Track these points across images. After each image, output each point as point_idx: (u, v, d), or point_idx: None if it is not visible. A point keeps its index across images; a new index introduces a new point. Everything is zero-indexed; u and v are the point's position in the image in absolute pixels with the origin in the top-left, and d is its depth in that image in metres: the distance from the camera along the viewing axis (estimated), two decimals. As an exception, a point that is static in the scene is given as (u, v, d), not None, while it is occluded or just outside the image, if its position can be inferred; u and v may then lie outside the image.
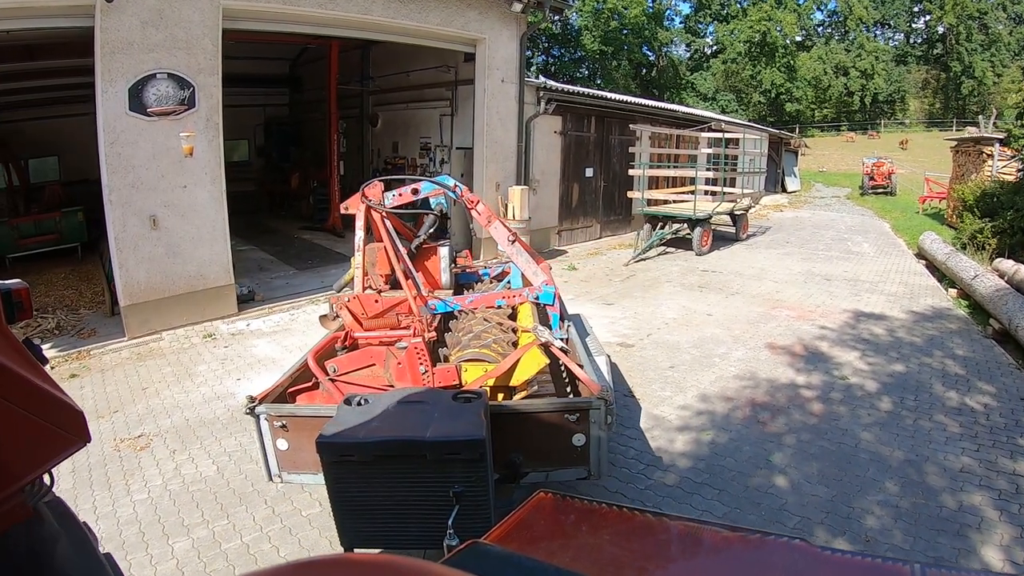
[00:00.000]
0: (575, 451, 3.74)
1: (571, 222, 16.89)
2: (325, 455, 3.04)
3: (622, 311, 9.99)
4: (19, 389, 1.45)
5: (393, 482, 3.08)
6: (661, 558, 1.87)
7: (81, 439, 1.67)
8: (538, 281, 4.94)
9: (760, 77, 55.79)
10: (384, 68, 17.61)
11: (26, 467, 1.51)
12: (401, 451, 3.01)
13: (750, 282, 12.03)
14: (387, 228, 4.68)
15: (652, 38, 55.54)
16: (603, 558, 1.82)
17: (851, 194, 32.26)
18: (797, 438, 5.64)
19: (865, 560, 1.82)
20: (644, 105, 19.20)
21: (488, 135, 13.60)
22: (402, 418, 3.21)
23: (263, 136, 22.29)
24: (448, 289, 5.77)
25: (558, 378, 4.98)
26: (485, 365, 4.32)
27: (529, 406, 3.81)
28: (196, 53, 8.70)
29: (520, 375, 4.26)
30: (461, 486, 2.87)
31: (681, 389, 6.79)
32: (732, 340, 8.44)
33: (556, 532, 2.02)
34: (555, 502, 2.12)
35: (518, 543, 1.83)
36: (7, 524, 1.47)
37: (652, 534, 1.95)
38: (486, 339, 4.73)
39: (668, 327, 9.09)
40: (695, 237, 14.86)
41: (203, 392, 6.83)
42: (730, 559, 1.83)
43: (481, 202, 4.87)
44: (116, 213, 8.35)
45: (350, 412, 3.31)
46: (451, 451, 2.99)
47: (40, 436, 1.54)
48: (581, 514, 2.08)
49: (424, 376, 4.15)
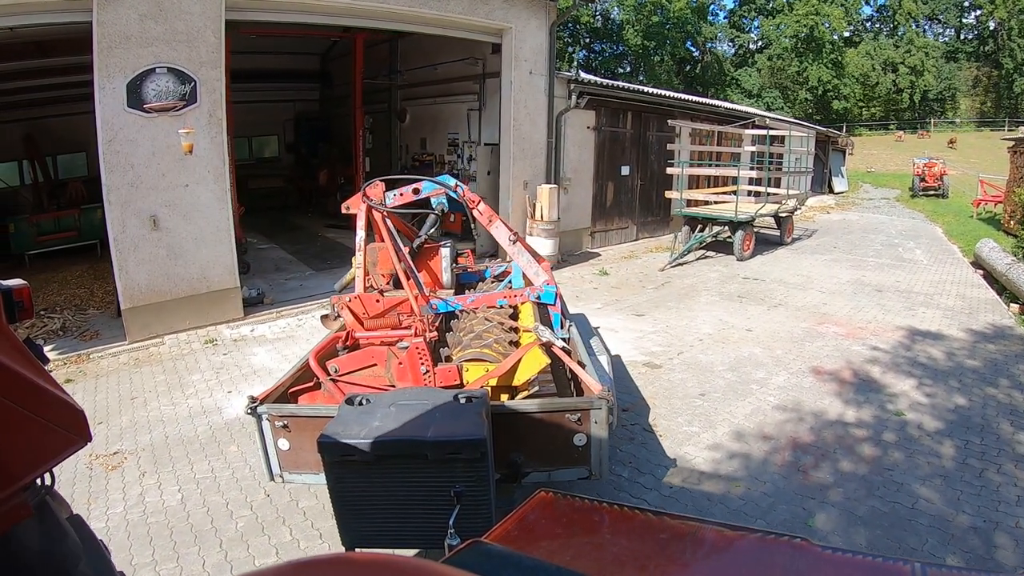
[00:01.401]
0: (576, 451, 3.93)
1: (605, 223, 16.88)
2: (326, 455, 3.24)
3: (653, 324, 9.79)
4: (20, 388, 1.53)
5: (394, 482, 3.27)
6: (662, 557, 1.94)
7: (82, 438, 1.79)
8: (539, 281, 5.13)
9: (807, 73, 55.70)
10: (412, 62, 17.94)
11: (27, 466, 1.59)
12: (402, 451, 3.20)
13: (794, 292, 11.83)
14: (388, 228, 4.93)
15: (695, 33, 55.66)
16: (604, 557, 1.91)
17: (901, 196, 31.91)
18: (844, 493, 5.08)
19: (866, 559, 1.90)
20: (684, 100, 19.20)
21: (515, 130, 13.61)
22: (403, 418, 3.39)
23: (293, 132, 23.13)
24: (449, 289, 6.00)
25: (560, 378, 5.18)
26: (486, 365, 4.53)
27: (530, 406, 3.99)
28: (198, 46, 8.85)
29: (521, 375, 4.47)
30: (462, 486, 3.02)
31: (711, 423, 6.36)
32: (773, 362, 8.08)
33: (557, 531, 2.11)
34: (556, 501, 2.23)
35: (519, 542, 1.92)
36: (8, 524, 1.55)
37: (653, 533, 2.03)
38: (487, 339, 4.95)
39: (702, 344, 8.78)
40: (736, 241, 14.74)
41: (190, 405, 6.95)
42: (731, 558, 1.93)
43: (482, 202, 5.09)
44: (115, 213, 8.55)
45: (351, 412, 3.50)
46: (452, 451, 3.17)
47: (41, 435, 1.63)
48: (582, 513, 2.19)
49: (425, 376, 4.37)
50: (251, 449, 5.76)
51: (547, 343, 4.60)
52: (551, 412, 3.93)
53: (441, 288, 5.93)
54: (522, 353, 4.47)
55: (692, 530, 2.01)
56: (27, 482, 1.60)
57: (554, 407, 3.96)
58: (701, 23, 56.30)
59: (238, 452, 5.79)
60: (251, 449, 5.76)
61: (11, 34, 9.02)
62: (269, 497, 4.99)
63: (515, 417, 3.90)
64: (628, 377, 7.51)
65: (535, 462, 3.96)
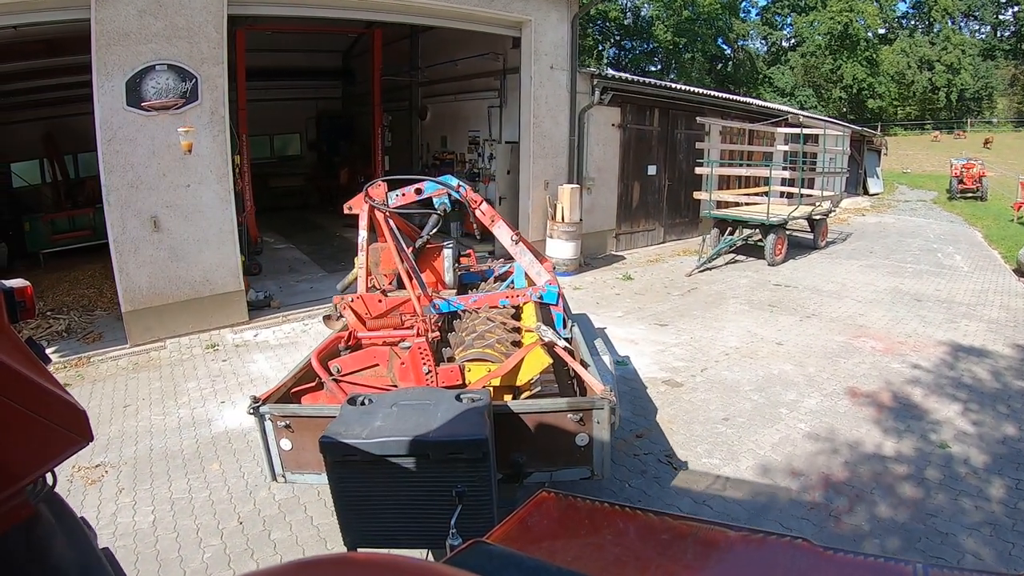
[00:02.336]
0: (578, 451, 4.08)
1: (631, 225, 16.90)
2: (328, 455, 3.38)
3: (676, 335, 9.65)
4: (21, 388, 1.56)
5: (396, 482, 3.42)
6: (663, 558, 2.00)
7: (84, 438, 1.84)
8: (541, 281, 5.28)
9: (841, 71, 55.48)
10: (433, 58, 18.17)
11: (28, 466, 1.63)
12: (404, 451, 3.33)
13: (829, 301, 11.66)
14: (391, 228, 5.14)
15: (727, 30, 55.69)
16: (605, 557, 1.98)
17: (938, 198, 31.59)
18: (881, 545, 4.72)
19: (867, 560, 1.97)
20: (713, 96, 19.17)
21: (535, 127, 13.60)
22: (405, 418, 3.53)
23: (315, 130, 23.68)
24: (452, 289, 6.21)
25: (562, 378, 5.36)
26: (488, 365, 4.70)
27: (532, 406, 4.15)
28: (199, 41, 8.96)
29: (523, 375, 4.63)
30: (464, 486, 3.17)
31: (734, 454, 6.06)
32: (805, 381, 7.81)
33: (558, 531, 2.16)
34: (557, 501, 2.31)
35: (520, 543, 1.97)
36: (9, 523, 1.58)
37: (654, 534, 2.08)
38: (489, 339, 5.13)
39: (728, 359, 8.58)
40: (768, 244, 14.69)
41: (181, 416, 7.04)
42: (732, 559, 2.01)
43: (484, 202, 5.25)
44: (115, 214, 8.70)
45: (353, 412, 3.65)
46: (454, 451, 3.31)
47: (42, 435, 1.66)
48: (583, 513, 2.26)
49: (428, 376, 4.53)
50: (232, 468, 5.87)
51: (549, 343, 4.77)
52: (553, 412, 4.08)
53: (444, 288, 6.14)
54: (524, 353, 4.62)
55: (693, 530, 2.07)
56: (28, 482, 1.64)
57: (556, 407, 4.10)
58: (732, 19, 56.27)
59: (219, 471, 5.85)
60: (232, 468, 5.87)
61: (16, 33, 9.21)
62: (242, 525, 5.03)
63: (517, 417, 4.04)
64: (646, 397, 7.38)
65: (537, 462, 4.12)
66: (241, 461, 5.98)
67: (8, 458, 1.55)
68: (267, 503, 5.26)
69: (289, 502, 5.25)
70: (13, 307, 1.88)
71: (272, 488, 5.41)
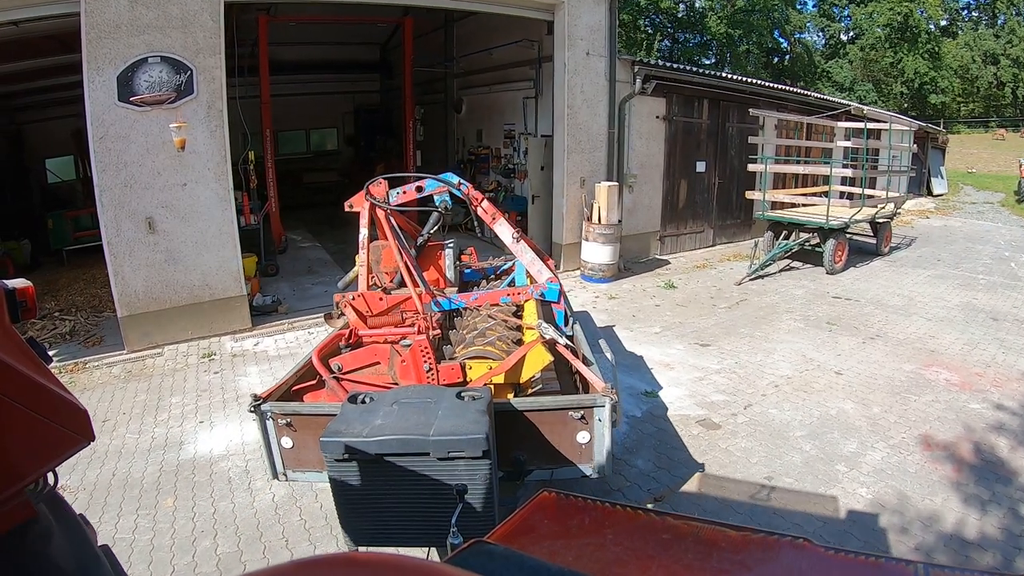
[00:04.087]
0: (580, 449, 4.39)
1: (677, 226, 16.88)
2: (329, 454, 3.64)
3: (719, 358, 9.28)
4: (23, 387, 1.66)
5: (397, 480, 3.68)
6: (664, 557, 2.10)
7: (85, 438, 2.00)
8: (543, 278, 5.65)
9: (901, 65, 54.92)
10: (468, 48, 18.45)
11: (29, 466, 1.73)
12: (405, 449, 3.59)
13: (894, 319, 11.22)
14: (392, 225, 5.58)
15: (783, 21, 55.51)
16: (606, 557, 2.08)
17: (1005, 200, 30.84)
18: None
19: (869, 560, 2.10)
20: (768, 87, 19.01)
21: (570, 119, 13.64)
22: (406, 416, 3.80)
23: (352, 124, 24.79)
24: (453, 286, 6.60)
25: (564, 376, 5.72)
26: (489, 362, 5.01)
27: (533, 404, 4.47)
28: (194, 31, 9.15)
29: (525, 373, 4.95)
30: (464, 484, 3.48)
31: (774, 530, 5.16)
32: (868, 426, 7.17)
33: (559, 531, 2.28)
34: (558, 501, 2.48)
35: (521, 542, 2.10)
36: (10, 524, 1.67)
37: (655, 533, 2.22)
38: (490, 336, 5.46)
39: (777, 392, 8.10)
40: (827, 251, 14.48)
41: (155, 435, 7.20)
42: (733, 558, 2.16)
43: (485, 199, 5.65)
44: (108, 215, 8.99)
45: (354, 410, 3.93)
46: (455, 449, 3.55)
47: (44, 435, 1.76)
48: (584, 513, 2.43)
49: (428, 374, 4.84)
50: (185, 506, 5.89)
51: (551, 340, 5.07)
52: (554, 410, 4.38)
53: (445, 286, 6.54)
54: (525, 351, 4.93)
55: (694, 530, 2.17)
56: (29, 482, 1.74)
57: (557, 405, 4.42)
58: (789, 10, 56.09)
59: (171, 508, 5.87)
60: (185, 506, 5.89)
61: (21, 30, 9.50)
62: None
63: (518, 415, 4.35)
64: (675, 442, 6.90)
65: (538, 460, 4.43)
66: (197, 498, 6.02)
67: (9, 458, 1.66)
68: (206, 556, 5.20)
69: (229, 558, 5.17)
70: (14, 307, 2.01)
71: (217, 538, 5.39)
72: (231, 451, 6.84)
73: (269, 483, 6.05)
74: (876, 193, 16.22)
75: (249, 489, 6.09)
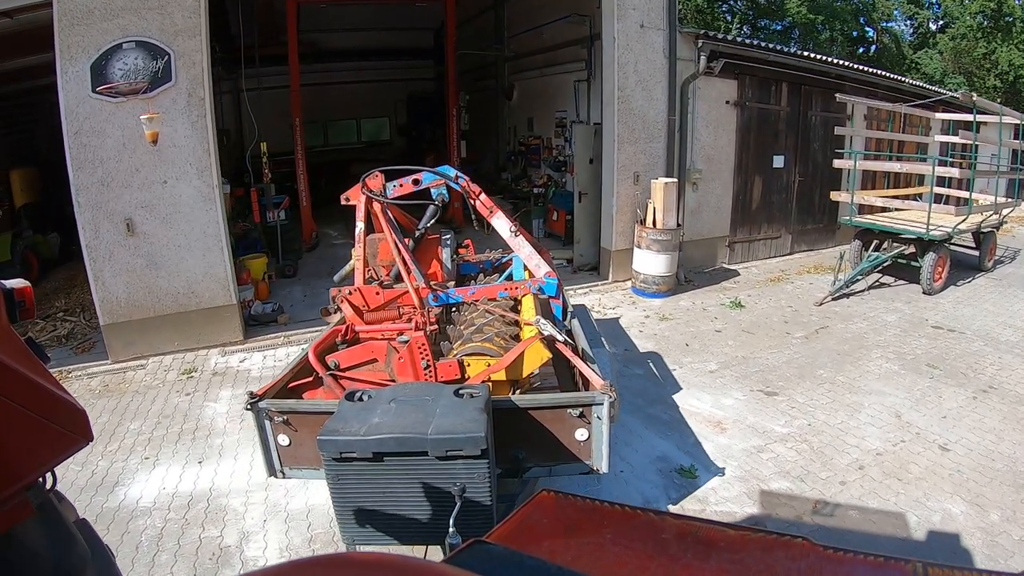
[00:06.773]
0: (578, 446, 4.90)
1: (749, 231, 16.74)
2: (326, 452, 4.12)
3: (787, 417, 8.51)
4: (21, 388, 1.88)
5: (394, 479, 4.17)
6: (663, 557, 2.31)
7: (84, 438, 2.33)
8: (541, 273, 6.20)
9: (995, 56, 54.51)
10: (518, 28, 19.02)
11: (29, 466, 1.96)
12: (403, 448, 4.05)
13: (1011, 360, 10.25)
14: (389, 218, 6.13)
15: (870, 9, 55.67)
16: (605, 557, 2.28)
17: None
18: None
19: (868, 559, 2.34)
20: (857, 69, 18.61)
21: (621, 104, 13.58)
22: (404, 414, 4.28)
23: (405, 113, 26.25)
24: (451, 280, 7.18)
25: (562, 372, 6.25)
26: (487, 359, 5.54)
27: (531, 401, 5.04)
28: (171, 11, 9.45)
29: (523, 369, 5.46)
30: (463, 483, 3.98)
31: None
32: (985, 541, 6.03)
33: (558, 531, 2.50)
34: (557, 501, 2.78)
35: (520, 542, 2.29)
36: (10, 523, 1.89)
37: (654, 533, 2.44)
38: (488, 332, 6.00)
39: (862, 480, 7.04)
40: (925, 266, 13.94)
41: (95, 471, 7.43)
42: (733, 558, 2.42)
43: (483, 193, 6.20)
44: (86, 216, 9.41)
45: (351, 408, 4.43)
46: (452, 447, 4.01)
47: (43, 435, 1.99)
48: (583, 513, 2.59)
49: (426, 371, 5.37)
50: None
51: (549, 337, 5.53)
52: (553, 407, 4.90)
53: (443, 280, 7.11)
54: (523, 347, 5.42)
55: (694, 530, 2.39)
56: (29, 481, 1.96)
57: (556, 402, 4.95)
58: (874, -2, 56.22)
59: None
60: None
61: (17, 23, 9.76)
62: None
63: (516, 412, 4.86)
64: None
65: (537, 457, 4.95)
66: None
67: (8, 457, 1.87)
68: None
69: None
70: (13, 307, 2.28)
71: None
72: (157, 504, 6.88)
73: (175, 557, 6.01)
74: (984, 198, 15.72)
75: (151, 563, 5.98)
